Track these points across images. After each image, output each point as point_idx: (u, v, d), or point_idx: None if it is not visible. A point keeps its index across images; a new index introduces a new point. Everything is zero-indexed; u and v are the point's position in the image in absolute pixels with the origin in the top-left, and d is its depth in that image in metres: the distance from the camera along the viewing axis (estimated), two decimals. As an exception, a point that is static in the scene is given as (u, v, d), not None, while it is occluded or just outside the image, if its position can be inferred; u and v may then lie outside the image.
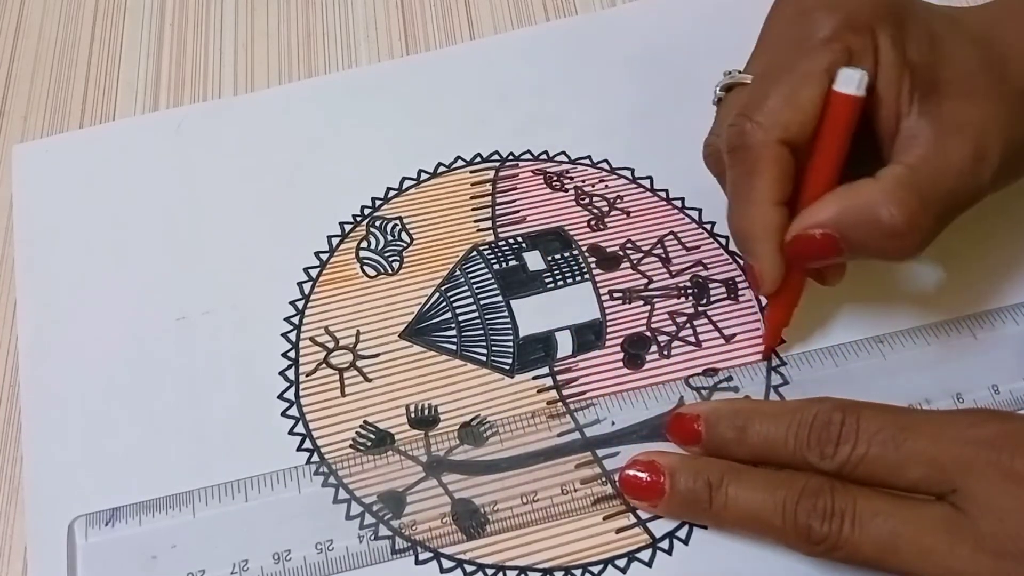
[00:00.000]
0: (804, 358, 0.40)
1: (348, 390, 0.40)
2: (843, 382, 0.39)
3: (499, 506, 0.37)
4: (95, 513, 0.37)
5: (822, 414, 0.34)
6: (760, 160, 0.36)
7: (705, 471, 0.35)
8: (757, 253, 0.37)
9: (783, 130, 0.35)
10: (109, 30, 0.53)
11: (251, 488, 0.38)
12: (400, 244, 0.44)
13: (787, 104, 0.35)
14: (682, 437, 0.37)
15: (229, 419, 0.40)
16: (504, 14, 0.52)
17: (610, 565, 0.36)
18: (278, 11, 0.53)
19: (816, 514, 0.33)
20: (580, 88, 0.49)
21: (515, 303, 0.42)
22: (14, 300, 0.44)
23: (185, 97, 0.50)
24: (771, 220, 0.36)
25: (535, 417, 0.39)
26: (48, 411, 0.41)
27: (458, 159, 0.47)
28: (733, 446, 0.36)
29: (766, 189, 0.36)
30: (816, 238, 0.35)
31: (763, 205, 0.36)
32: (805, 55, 0.36)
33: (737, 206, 0.37)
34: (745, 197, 0.37)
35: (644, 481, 0.36)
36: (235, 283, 0.43)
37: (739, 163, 0.36)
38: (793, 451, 0.34)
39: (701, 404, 0.38)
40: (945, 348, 0.40)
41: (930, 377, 0.39)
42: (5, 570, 0.38)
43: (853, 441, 0.33)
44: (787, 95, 0.36)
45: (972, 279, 0.42)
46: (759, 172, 0.36)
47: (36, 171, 0.47)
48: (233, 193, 0.46)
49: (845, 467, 0.33)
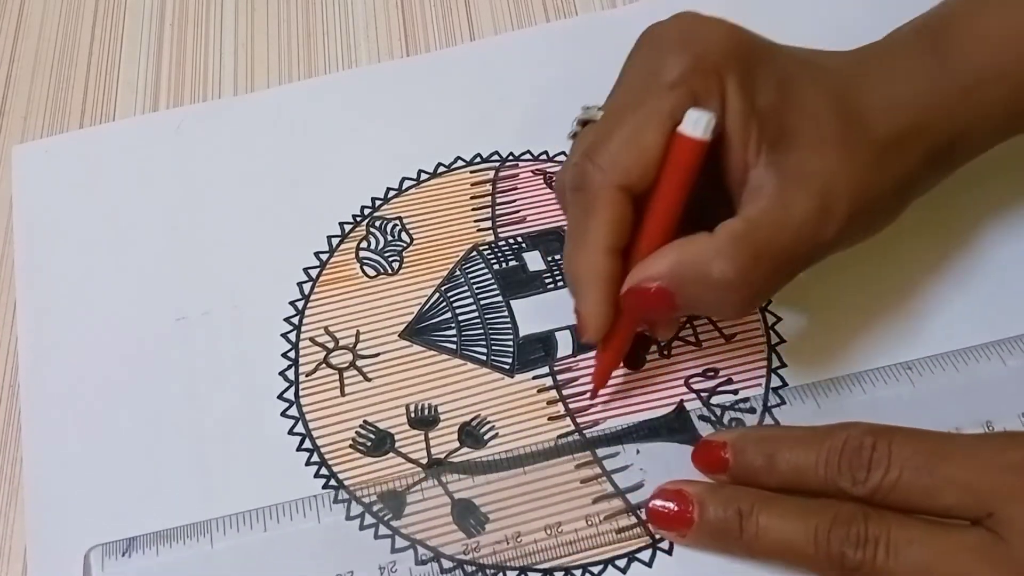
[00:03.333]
0: (832, 385, 0.39)
1: (348, 390, 0.40)
2: (869, 409, 0.38)
3: (499, 506, 0.37)
4: (112, 543, 0.37)
5: (853, 439, 0.33)
6: (597, 204, 0.35)
7: (735, 500, 0.34)
8: (584, 299, 0.36)
9: (623, 175, 0.34)
10: (109, 30, 0.53)
11: (270, 518, 0.37)
12: (400, 244, 0.44)
13: (628, 147, 0.34)
14: (709, 465, 0.36)
15: (229, 419, 0.40)
16: (504, 14, 0.52)
17: (610, 565, 0.36)
18: (278, 11, 0.53)
19: (850, 542, 0.32)
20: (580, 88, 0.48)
21: (515, 303, 0.42)
22: (14, 300, 0.44)
23: (185, 97, 0.50)
24: (602, 267, 0.35)
25: (535, 418, 0.39)
26: (48, 411, 0.40)
27: (458, 159, 0.47)
28: (762, 474, 0.35)
29: (600, 235, 0.35)
30: (650, 291, 0.34)
31: (595, 251, 0.35)
32: (651, 96, 0.35)
33: (571, 248, 0.36)
34: (579, 240, 0.35)
35: (672, 511, 0.35)
36: (235, 283, 0.43)
37: (577, 205, 0.35)
38: (824, 477, 0.34)
39: (727, 432, 0.37)
40: (974, 375, 0.39)
41: (959, 404, 0.38)
42: (5, 570, 0.38)
43: (885, 466, 0.33)
44: (629, 138, 0.34)
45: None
46: (595, 216, 0.35)
47: (36, 171, 0.47)
48: (233, 193, 0.46)
49: (877, 493, 0.33)
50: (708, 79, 0.34)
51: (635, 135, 0.34)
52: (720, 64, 0.35)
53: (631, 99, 0.36)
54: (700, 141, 0.34)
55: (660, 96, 0.35)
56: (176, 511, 0.38)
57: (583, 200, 0.35)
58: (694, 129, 0.34)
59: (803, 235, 0.34)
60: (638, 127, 0.34)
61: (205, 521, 0.37)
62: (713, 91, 0.34)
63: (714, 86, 0.34)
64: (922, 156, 0.36)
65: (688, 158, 0.34)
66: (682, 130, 0.34)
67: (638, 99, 0.35)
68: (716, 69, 0.35)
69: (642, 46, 0.38)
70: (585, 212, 0.35)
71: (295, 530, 0.37)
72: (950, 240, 0.43)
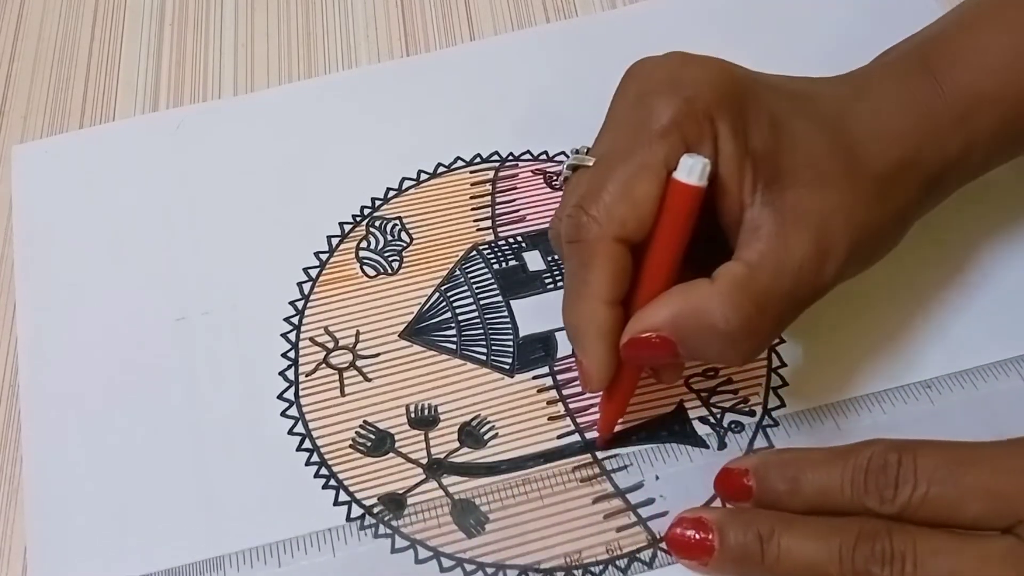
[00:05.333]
0: (851, 405, 0.39)
1: (348, 390, 0.40)
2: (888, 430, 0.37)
3: (499, 506, 0.37)
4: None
5: (877, 456, 0.33)
6: (595, 257, 0.34)
7: (755, 523, 0.34)
8: (586, 350, 0.35)
9: (619, 227, 0.34)
10: (109, 30, 0.53)
11: (284, 552, 0.37)
12: (400, 244, 0.44)
13: (623, 199, 0.34)
14: (732, 493, 0.36)
15: (228, 419, 0.40)
16: (504, 15, 0.52)
17: (610, 565, 0.36)
18: (278, 11, 0.53)
19: (875, 559, 0.31)
20: (580, 88, 0.49)
21: (515, 303, 0.42)
22: (14, 300, 0.44)
23: (185, 97, 0.50)
24: (602, 319, 0.34)
25: (535, 418, 0.39)
26: (48, 411, 0.40)
27: (458, 159, 0.47)
28: (786, 498, 0.34)
29: (599, 287, 0.34)
30: (652, 341, 0.34)
31: (595, 303, 0.34)
32: (642, 145, 0.34)
33: (570, 299, 0.35)
34: (577, 292, 0.35)
35: (692, 539, 0.35)
36: (235, 283, 0.43)
37: (574, 256, 0.35)
38: (851, 498, 0.33)
39: (747, 458, 0.37)
40: (992, 393, 0.39)
41: (979, 422, 0.38)
42: (5, 570, 0.38)
43: (913, 482, 0.32)
44: (623, 189, 0.34)
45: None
46: (593, 269, 0.34)
47: (36, 171, 0.47)
48: (233, 193, 0.46)
49: (906, 510, 0.32)
50: (700, 124, 0.34)
51: (629, 186, 0.34)
52: (711, 108, 0.34)
53: (622, 146, 0.35)
54: (696, 188, 0.33)
55: (651, 144, 0.34)
56: (176, 511, 0.38)
57: (579, 252, 0.34)
58: (689, 176, 0.33)
59: (804, 276, 0.34)
60: (632, 177, 0.34)
61: (217, 557, 0.37)
62: (705, 136, 0.34)
63: (706, 131, 0.34)
64: (919, 185, 0.36)
65: (685, 205, 0.34)
66: (677, 176, 0.34)
67: (629, 146, 0.34)
68: (707, 113, 0.34)
69: (629, 87, 0.37)
70: (582, 264, 0.34)
71: (309, 564, 0.36)
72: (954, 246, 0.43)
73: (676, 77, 0.35)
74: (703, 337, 0.33)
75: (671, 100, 0.34)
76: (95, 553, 0.37)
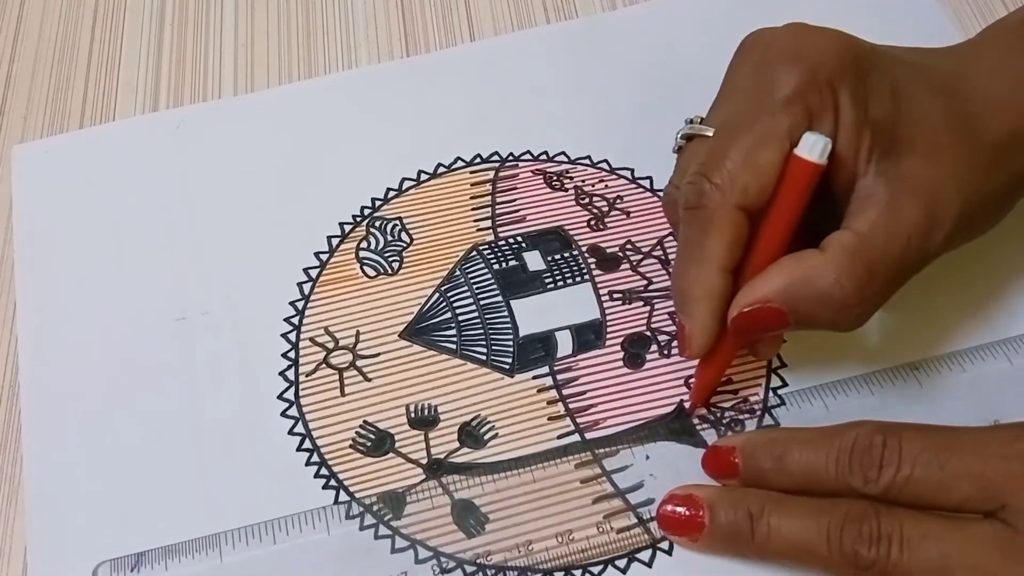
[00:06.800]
0: (839, 386, 0.39)
1: (348, 390, 0.40)
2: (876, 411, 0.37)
3: (499, 506, 0.37)
4: (120, 559, 0.37)
5: (862, 437, 0.33)
6: (716, 223, 0.35)
7: (745, 502, 0.34)
8: (693, 315, 0.36)
9: (741, 194, 0.34)
10: (109, 30, 0.53)
11: (279, 530, 0.37)
12: (400, 244, 0.44)
13: (746, 167, 0.34)
14: (719, 470, 0.36)
15: (228, 419, 0.40)
16: (504, 15, 0.52)
17: (610, 565, 0.36)
18: (278, 11, 0.53)
19: (863, 539, 0.32)
20: (580, 88, 0.49)
21: (515, 303, 0.42)
22: (14, 300, 0.44)
23: (185, 97, 0.50)
24: (715, 285, 0.35)
25: (535, 418, 0.39)
26: (48, 411, 0.40)
27: (458, 159, 0.47)
28: (772, 476, 0.35)
29: (717, 254, 0.35)
30: (763, 311, 0.34)
31: (711, 269, 0.35)
32: (765, 114, 0.35)
33: (684, 265, 0.36)
34: (694, 257, 0.35)
35: (682, 516, 0.35)
36: (235, 283, 0.43)
37: (693, 223, 0.35)
38: (835, 477, 0.33)
39: (735, 436, 0.37)
40: (980, 375, 0.39)
41: (966, 403, 0.38)
42: (5, 570, 0.38)
43: (896, 463, 0.32)
44: (746, 157, 0.34)
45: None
46: (713, 236, 0.35)
47: (36, 171, 0.47)
48: (233, 193, 0.46)
49: (890, 491, 0.33)
50: (823, 94, 0.35)
51: (752, 154, 0.34)
52: (834, 77, 0.35)
53: (743, 115, 0.35)
54: (817, 165, 0.34)
55: (775, 114, 0.35)
56: (176, 511, 0.38)
57: (700, 218, 0.35)
58: (811, 153, 0.34)
59: (913, 245, 0.34)
60: (755, 146, 0.34)
61: (214, 535, 0.37)
62: (828, 106, 0.35)
63: (828, 101, 0.35)
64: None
65: (803, 181, 0.34)
66: (799, 153, 0.34)
67: (752, 115, 0.35)
68: (830, 83, 0.35)
69: (748, 57, 0.37)
70: (702, 230, 0.35)
71: (305, 542, 0.37)
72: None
73: (798, 46, 0.35)
74: (816, 305, 0.34)
75: (795, 69, 0.35)
76: (95, 553, 0.37)
